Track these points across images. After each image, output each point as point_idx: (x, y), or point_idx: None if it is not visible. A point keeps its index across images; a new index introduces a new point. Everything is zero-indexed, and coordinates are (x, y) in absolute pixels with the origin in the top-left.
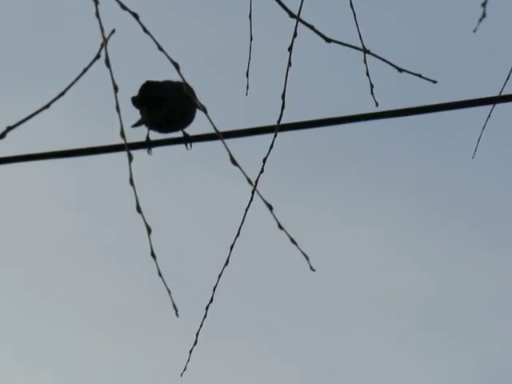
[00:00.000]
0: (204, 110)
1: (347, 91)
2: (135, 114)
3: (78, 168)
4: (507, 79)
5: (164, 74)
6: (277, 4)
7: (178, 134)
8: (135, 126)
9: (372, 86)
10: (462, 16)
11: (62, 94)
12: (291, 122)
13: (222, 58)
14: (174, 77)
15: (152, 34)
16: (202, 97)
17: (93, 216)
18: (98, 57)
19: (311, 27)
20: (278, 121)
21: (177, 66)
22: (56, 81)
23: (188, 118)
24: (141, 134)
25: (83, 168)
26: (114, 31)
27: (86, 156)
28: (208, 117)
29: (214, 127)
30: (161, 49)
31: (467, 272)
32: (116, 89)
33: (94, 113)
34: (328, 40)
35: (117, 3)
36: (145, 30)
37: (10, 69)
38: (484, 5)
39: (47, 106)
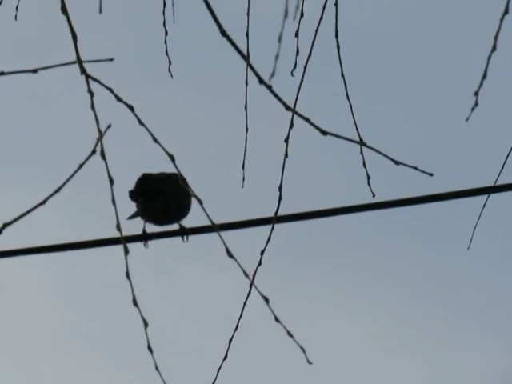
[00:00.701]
0: (200, 202)
1: (344, 182)
2: (131, 207)
3: (73, 262)
4: (502, 169)
5: (159, 165)
6: (273, 96)
7: (175, 227)
8: (131, 218)
9: (369, 178)
10: (456, 105)
11: (58, 190)
12: (288, 214)
13: (218, 150)
14: (170, 168)
15: (147, 125)
16: (197, 189)
17: (89, 310)
18: (93, 152)
19: (307, 120)
20: (275, 212)
21: (172, 158)
22: (52, 174)
23: (184, 211)
24: (136, 226)
25: (79, 262)
26: (109, 126)
27: (82, 249)
28: (204, 209)
29: (210, 220)
30: (156, 141)
31: (466, 361)
32: (112, 182)
33: (89, 206)
34: (324, 133)
35: (112, 95)
36: (140, 122)
37: (5, 163)
38: (476, 94)
39: (43, 202)
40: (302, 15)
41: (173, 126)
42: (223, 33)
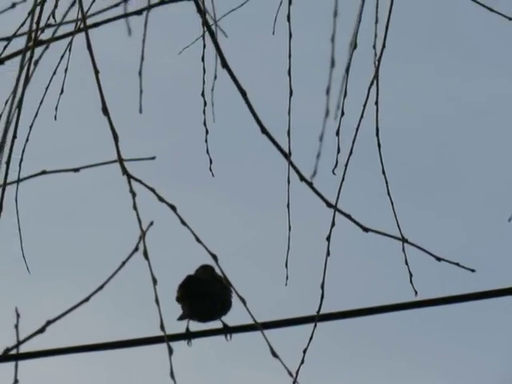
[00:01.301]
0: (243, 301)
1: (386, 280)
2: (173, 304)
3: (116, 361)
4: None
5: (203, 262)
6: (314, 193)
7: (218, 324)
8: (180, 319)
9: (411, 275)
10: (498, 204)
11: (101, 287)
12: (331, 312)
13: (261, 248)
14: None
15: (189, 224)
16: (240, 287)
17: None
18: (136, 249)
19: (348, 217)
20: (318, 311)
21: (215, 258)
22: (95, 272)
23: (228, 308)
24: (179, 324)
25: (122, 361)
26: (151, 224)
27: (126, 348)
28: (247, 308)
29: (253, 319)
30: (199, 241)
31: None
32: (155, 281)
33: (132, 304)
34: (366, 229)
35: (154, 195)
36: (182, 222)
37: (48, 261)
38: None
39: (87, 300)
40: (342, 114)
41: (215, 225)
42: (264, 131)
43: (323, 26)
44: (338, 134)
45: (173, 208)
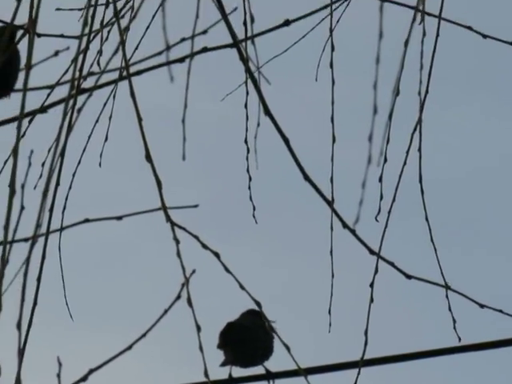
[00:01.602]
0: (287, 348)
1: (429, 326)
2: (216, 351)
3: None
4: None
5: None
6: (357, 240)
7: (260, 370)
8: (223, 365)
9: (455, 321)
10: None
11: (144, 335)
12: (374, 357)
13: (304, 295)
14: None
15: (233, 271)
16: (284, 333)
17: None
18: (178, 297)
19: (391, 264)
20: (362, 357)
21: (259, 304)
22: (137, 319)
23: (270, 354)
24: (223, 370)
25: None
26: (194, 271)
27: None
28: (291, 355)
29: (297, 364)
30: (242, 287)
31: None
32: (199, 329)
33: (175, 351)
34: (409, 276)
35: (198, 243)
36: (226, 269)
37: (91, 309)
38: None
39: (129, 348)
40: (385, 160)
41: (258, 271)
42: (306, 177)
43: (366, 72)
44: (380, 180)
45: (216, 255)
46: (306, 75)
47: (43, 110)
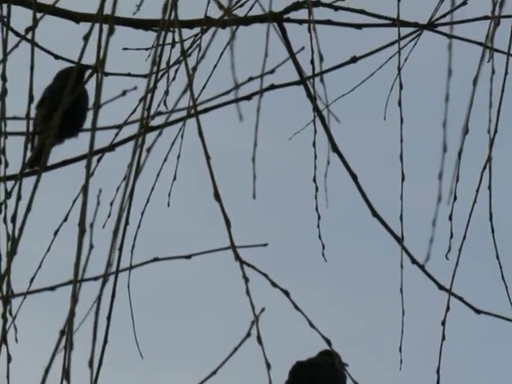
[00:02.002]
0: None
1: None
2: None
3: None
4: None
5: (316, 348)
6: (426, 277)
7: None
8: None
9: None
10: None
11: (214, 372)
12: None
13: (374, 333)
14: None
15: (302, 309)
16: (355, 372)
17: None
18: (248, 335)
19: (461, 299)
20: None
21: (328, 342)
22: (207, 357)
23: None
24: None
25: None
26: (263, 310)
27: None
28: None
29: None
30: (312, 325)
31: None
32: (269, 366)
33: None
34: (478, 311)
35: (267, 281)
36: (296, 307)
37: (161, 348)
38: None
39: None
40: (455, 199)
41: (328, 309)
42: (375, 214)
43: (435, 110)
44: (450, 218)
45: (286, 293)
46: (374, 113)
47: (112, 148)
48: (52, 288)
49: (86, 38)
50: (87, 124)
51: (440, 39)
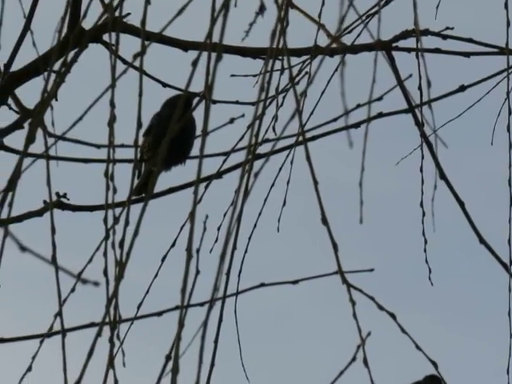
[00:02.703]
0: None
1: None
2: None
3: None
4: None
5: (422, 371)
6: None
7: None
8: None
9: None
10: None
11: None
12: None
13: (480, 355)
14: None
15: (409, 332)
16: None
17: None
18: (354, 359)
19: None
20: None
21: (435, 365)
22: (313, 382)
23: None
24: None
25: None
26: (369, 334)
27: None
28: None
29: None
30: (419, 348)
31: None
32: None
33: None
34: None
35: (373, 305)
36: (402, 330)
37: (268, 373)
38: None
39: None
40: None
41: (434, 333)
42: (482, 241)
43: None
44: None
45: (392, 316)
46: (481, 140)
47: (219, 175)
48: (159, 314)
49: (195, 63)
50: (194, 151)
51: None
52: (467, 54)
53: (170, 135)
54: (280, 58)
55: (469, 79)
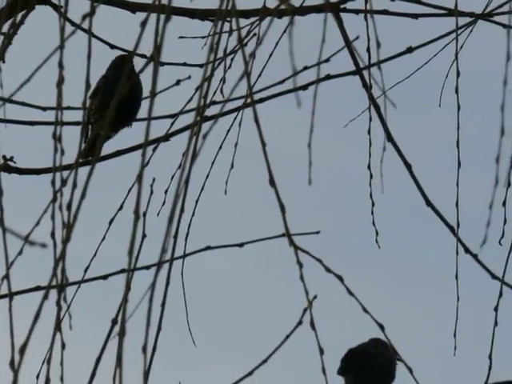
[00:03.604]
0: (410, 370)
1: None
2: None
3: None
4: None
5: (368, 334)
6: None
7: None
8: None
9: None
10: None
11: (265, 361)
12: (499, 382)
13: (427, 319)
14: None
15: (356, 294)
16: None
17: None
18: (300, 322)
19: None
20: (486, 381)
21: (382, 327)
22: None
23: (391, 380)
24: None
25: None
26: (315, 297)
27: None
28: (414, 377)
29: None
30: (366, 310)
31: None
32: (322, 352)
33: (296, 375)
34: None
35: (321, 267)
36: (350, 292)
37: (214, 336)
38: None
39: (250, 374)
40: (509, 185)
41: (380, 295)
42: (429, 203)
43: (492, 96)
44: (504, 204)
45: (340, 278)
46: (429, 102)
47: (167, 138)
48: (105, 277)
49: (143, 25)
50: (141, 114)
51: (496, 29)
52: (415, 16)
53: (118, 97)
54: (228, 19)
55: (419, 41)
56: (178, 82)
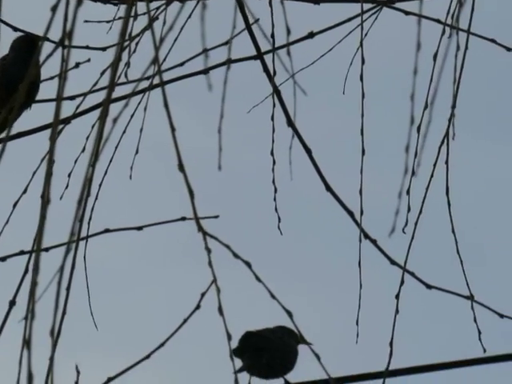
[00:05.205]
0: (317, 357)
1: (454, 337)
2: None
3: None
4: None
5: (278, 321)
6: (382, 255)
7: (279, 381)
8: (239, 371)
9: (480, 333)
10: None
11: (162, 344)
12: (399, 368)
13: (332, 306)
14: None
15: (265, 281)
16: (315, 342)
17: None
18: (198, 307)
19: (412, 274)
20: (387, 368)
21: (290, 314)
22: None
23: (289, 366)
24: (242, 380)
25: None
26: (214, 281)
27: None
28: (321, 364)
29: (327, 373)
30: (273, 297)
31: None
32: (229, 337)
33: (199, 358)
34: (429, 287)
35: (229, 252)
36: (257, 278)
37: (115, 320)
38: None
39: (147, 357)
40: (413, 173)
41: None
42: (328, 188)
43: (400, 84)
44: (408, 193)
45: (248, 264)
46: (334, 88)
47: (70, 119)
48: (3, 259)
49: (54, 9)
50: (39, 95)
51: (398, 16)
52: (317, 1)
53: (28, 80)
54: (133, 2)
55: (320, 28)
56: (77, 65)
